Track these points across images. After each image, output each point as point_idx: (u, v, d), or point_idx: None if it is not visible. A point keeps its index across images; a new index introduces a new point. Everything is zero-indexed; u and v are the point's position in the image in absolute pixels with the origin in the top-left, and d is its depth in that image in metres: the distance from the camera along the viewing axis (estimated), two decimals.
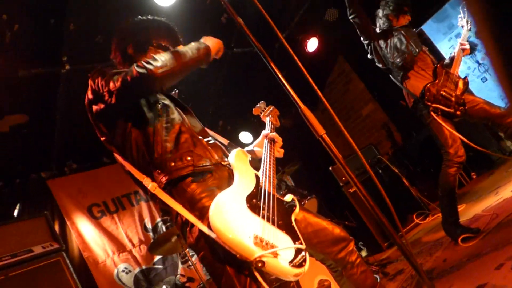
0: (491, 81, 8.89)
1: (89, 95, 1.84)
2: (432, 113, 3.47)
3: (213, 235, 1.55)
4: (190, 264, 5.23)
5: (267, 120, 2.46)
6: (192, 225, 1.66)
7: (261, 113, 2.57)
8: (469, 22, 3.83)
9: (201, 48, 1.91)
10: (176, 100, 2.03)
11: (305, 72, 1.65)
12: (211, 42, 2.01)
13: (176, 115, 1.88)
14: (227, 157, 1.96)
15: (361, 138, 7.47)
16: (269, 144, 2.15)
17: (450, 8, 7.93)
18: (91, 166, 5.52)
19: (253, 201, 1.71)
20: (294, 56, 1.64)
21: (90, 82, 1.83)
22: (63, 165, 5.26)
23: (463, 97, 3.55)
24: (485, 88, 6.69)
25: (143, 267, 5.03)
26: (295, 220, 1.84)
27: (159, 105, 1.85)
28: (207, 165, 1.76)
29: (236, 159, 1.90)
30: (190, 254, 4.69)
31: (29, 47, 3.77)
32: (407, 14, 3.92)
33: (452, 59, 3.74)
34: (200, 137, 1.88)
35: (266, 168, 1.95)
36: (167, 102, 1.92)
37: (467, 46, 3.72)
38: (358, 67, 7.30)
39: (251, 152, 2.23)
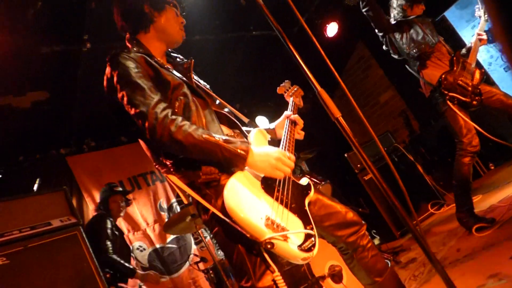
0: None
1: (105, 84, 1.81)
2: (448, 102, 3.45)
3: (226, 219, 1.57)
4: (203, 245, 5.32)
5: (290, 100, 2.43)
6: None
7: (285, 92, 2.53)
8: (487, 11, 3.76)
9: (233, 158, 1.64)
10: (195, 90, 1.91)
11: (324, 55, 1.62)
12: (261, 162, 1.68)
13: (193, 111, 1.80)
14: (246, 137, 1.98)
15: (378, 125, 7.41)
16: (290, 125, 2.14)
17: None
18: (109, 144, 5.59)
19: (268, 182, 1.73)
20: (313, 39, 1.62)
21: (107, 69, 1.80)
22: (82, 143, 5.35)
23: (479, 87, 3.52)
24: (507, 78, 6.54)
25: (157, 246, 5.12)
26: (309, 202, 1.86)
27: (177, 103, 1.79)
28: (215, 172, 1.71)
29: (255, 138, 1.91)
30: (204, 235, 4.76)
31: (51, 25, 3.80)
32: (421, 3, 3.86)
33: (469, 49, 3.70)
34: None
35: (284, 146, 1.95)
36: (185, 98, 1.82)
37: (484, 36, 3.66)
38: (378, 54, 7.20)
39: (271, 131, 2.23)
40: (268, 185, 1.72)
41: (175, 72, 1.91)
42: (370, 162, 1.45)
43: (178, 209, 5.53)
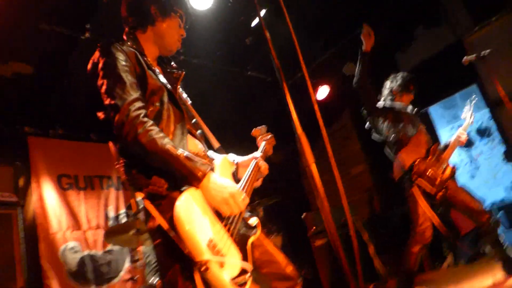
0: (479, 179, 9.06)
1: (89, 67, 1.82)
2: (415, 187, 3.56)
3: (171, 233, 1.54)
4: (139, 265, 5.11)
5: (262, 144, 2.47)
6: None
7: (259, 136, 2.58)
8: (472, 115, 3.97)
9: (188, 176, 1.63)
10: (175, 100, 1.91)
11: (317, 112, 1.64)
12: (214, 190, 1.65)
13: (163, 120, 1.81)
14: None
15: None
16: (254, 167, 2.15)
17: (459, 98, 8.13)
18: (76, 137, 5.45)
19: None
20: (311, 90, 1.64)
21: (96, 53, 1.81)
22: (50, 127, 5.20)
23: (447, 182, 3.64)
24: (471, 185, 6.78)
25: (92, 252, 4.91)
26: (253, 243, 1.86)
27: (151, 107, 1.79)
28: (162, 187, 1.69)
29: (221, 165, 1.91)
30: (143, 254, 4.58)
31: (58, 4, 3.77)
32: (411, 93, 4.06)
33: (446, 145, 3.86)
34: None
35: (244, 186, 1.95)
36: (160, 105, 1.82)
37: (465, 137, 3.85)
38: (360, 127, 7.38)
39: (236, 165, 2.23)
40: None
41: (160, 77, 1.91)
42: (334, 224, 1.42)
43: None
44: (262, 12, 4.73)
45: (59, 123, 5.26)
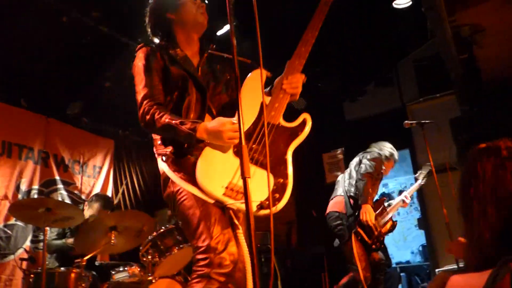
0: (390, 238, 9.50)
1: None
2: (353, 234, 3.75)
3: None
4: (40, 247, 4.78)
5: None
6: None
7: None
8: (425, 179, 4.20)
9: (186, 136, 1.92)
10: (198, 83, 2.13)
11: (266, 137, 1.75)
12: (213, 137, 1.92)
13: (185, 102, 2.09)
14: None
15: (263, 223, 7.53)
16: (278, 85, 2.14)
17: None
18: (5, 100, 5.08)
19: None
20: (264, 109, 1.90)
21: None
22: None
23: (385, 235, 3.89)
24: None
25: None
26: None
27: (176, 92, 2.11)
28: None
29: (250, 80, 2.08)
30: (48, 236, 4.31)
31: None
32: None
33: (390, 204, 4.13)
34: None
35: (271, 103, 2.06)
36: (182, 90, 2.10)
37: (408, 201, 4.11)
38: (298, 159, 7.54)
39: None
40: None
41: (187, 63, 2.15)
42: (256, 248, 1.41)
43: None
44: (227, 26, 4.73)
45: None
